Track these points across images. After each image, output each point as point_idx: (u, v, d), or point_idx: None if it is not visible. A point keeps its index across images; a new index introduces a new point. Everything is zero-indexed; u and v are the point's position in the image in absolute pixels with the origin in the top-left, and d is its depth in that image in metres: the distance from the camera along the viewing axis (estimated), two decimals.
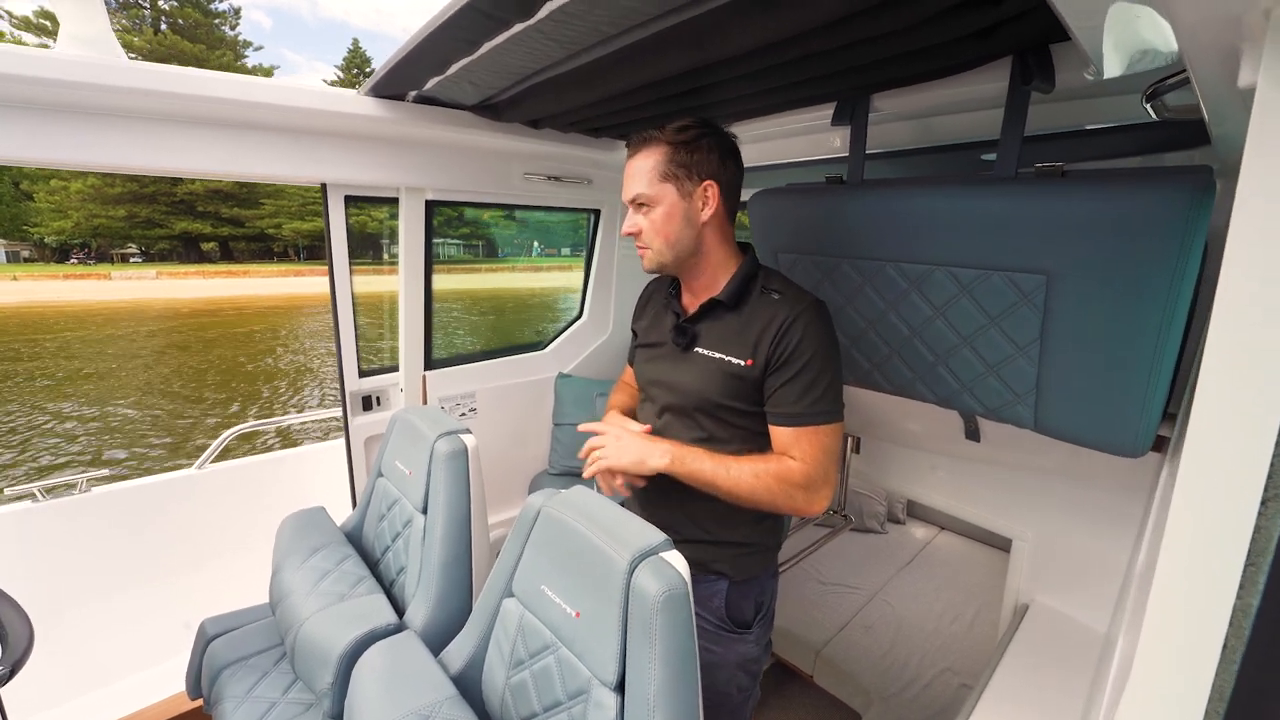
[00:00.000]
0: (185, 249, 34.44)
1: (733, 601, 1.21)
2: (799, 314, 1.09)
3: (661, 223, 1.14)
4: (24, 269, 30.79)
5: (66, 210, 28.57)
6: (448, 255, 30.29)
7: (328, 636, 1.19)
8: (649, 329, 1.33)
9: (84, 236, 31.67)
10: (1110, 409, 1.17)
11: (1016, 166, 1.15)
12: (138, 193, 29.07)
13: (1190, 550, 0.47)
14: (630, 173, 1.15)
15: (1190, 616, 0.47)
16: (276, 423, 2.61)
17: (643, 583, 0.84)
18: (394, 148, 1.79)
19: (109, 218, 29.33)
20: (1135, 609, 0.90)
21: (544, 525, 1.06)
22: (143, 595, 2.04)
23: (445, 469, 1.35)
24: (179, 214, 31.00)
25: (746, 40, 1.05)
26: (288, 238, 34.08)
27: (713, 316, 1.19)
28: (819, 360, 1.08)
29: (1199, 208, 0.92)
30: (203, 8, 31.88)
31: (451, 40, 1.19)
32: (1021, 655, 1.58)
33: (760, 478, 1.06)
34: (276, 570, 1.45)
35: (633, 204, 1.16)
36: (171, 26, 30.95)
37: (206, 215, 31.69)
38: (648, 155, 1.13)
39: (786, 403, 1.09)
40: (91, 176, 27.34)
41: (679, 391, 1.19)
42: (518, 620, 1.05)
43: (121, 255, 34.73)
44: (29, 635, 1.12)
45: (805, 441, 1.08)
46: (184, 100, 1.34)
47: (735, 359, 1.13)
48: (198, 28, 31.43)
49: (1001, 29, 1.02)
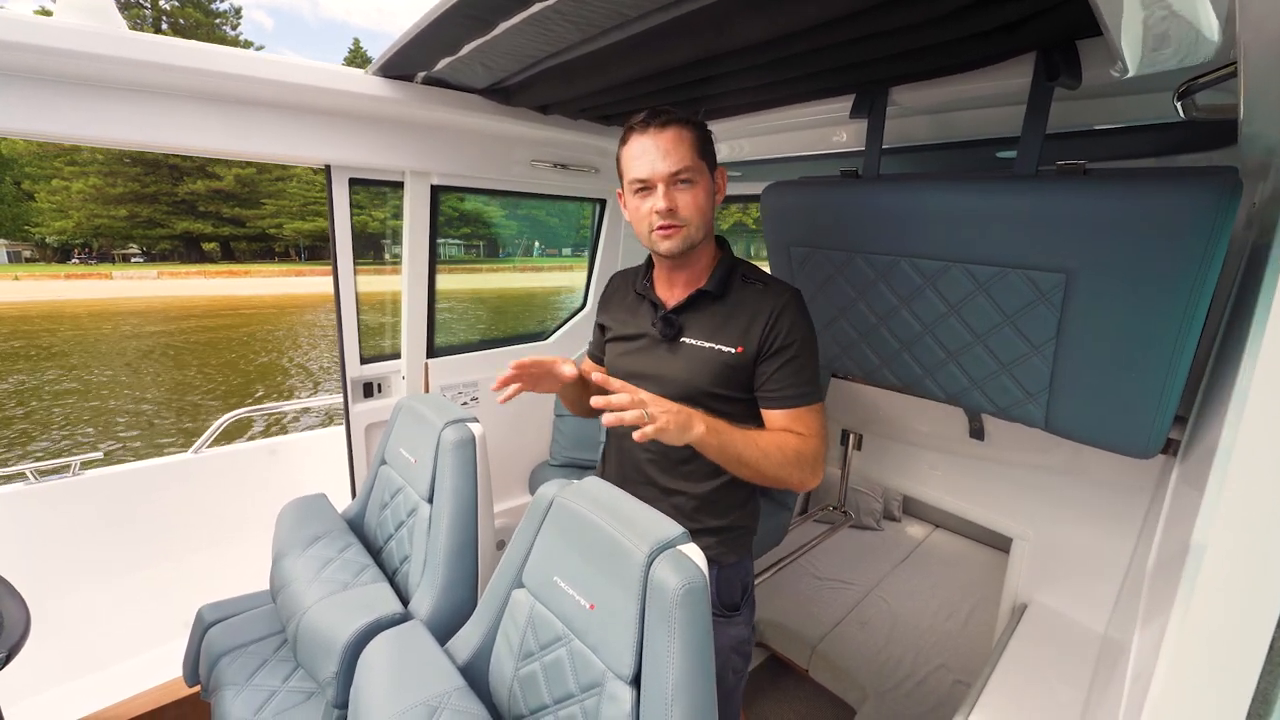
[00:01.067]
0: (187, 249, 34.39)
1: (722, 586, 1.22)
2: (786, 303, 1.14)
3: (703, 201, 1.13)
4: (25, 269, 30.80)
5: (68, 210, 28.49)
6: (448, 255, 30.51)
7: (331, 625, 1.17)
8: (622, 322, 1.30)
9: (85, 237, 31.57)
10: (1124, 410, 1.17)
11: (1038, 164, 1.14)
12: (139, 193, 29.05)
13: (1233, 554, 0.46)
14: (663, 147, 1.09)
15: (1233, 619, 0.46)
16: (275, 409, 2.56)
17: (662, 575, 0.83)
18: (400, 130, 1.76)
19: (110, 218, 29.27)
20: (1150, 610, 0.89)
21: (557, 515, 1.04)
22: (137, 580, 2.02)
23: (452, 457, 1.33)
24: (180, 214, 30.95)
25: (769, 28, 1.03)
26: (289, 237, 34.02)
27: (698, 307, 1.19)
28: (807, 345, 1.14)
29: (1226, 209, 0.91)
30: (204, 8, 32.15)
31: (466, 19, 1.16)
32: (1021, 654, 1.59)
33: (783, 451, 1.08)
34: (277, 558, 1.43)
35: (671, 179, 1.10)
36: (173, 26, 31.10)
37: (208, 215, 31.63)
38: (680, 133, 1.10)
39: (781, 386, 1.13)
40: (93, 176, 27.43)
41: (667, 382, 1.18)
42: (528, 611, 1.04)
43: (123, 255, 34.69)
44: (25, 621, 1.10)
45: (805, 420, 1.13)
46: (185, 74, 1.31)
47: (726, 347, 1.14)
48: (199, 28, 31.54)
49: (1029, 23, 1.01)
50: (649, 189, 1.12)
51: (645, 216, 1.13)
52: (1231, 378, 1.07)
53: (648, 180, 1.11)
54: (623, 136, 1.16)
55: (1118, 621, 1.44)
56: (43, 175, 28.06)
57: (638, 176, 1.11)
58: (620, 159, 1.17)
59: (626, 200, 1.19)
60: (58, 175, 27.66)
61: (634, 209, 1.16)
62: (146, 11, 30.54)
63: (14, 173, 28.96)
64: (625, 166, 1.15)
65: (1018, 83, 1.16)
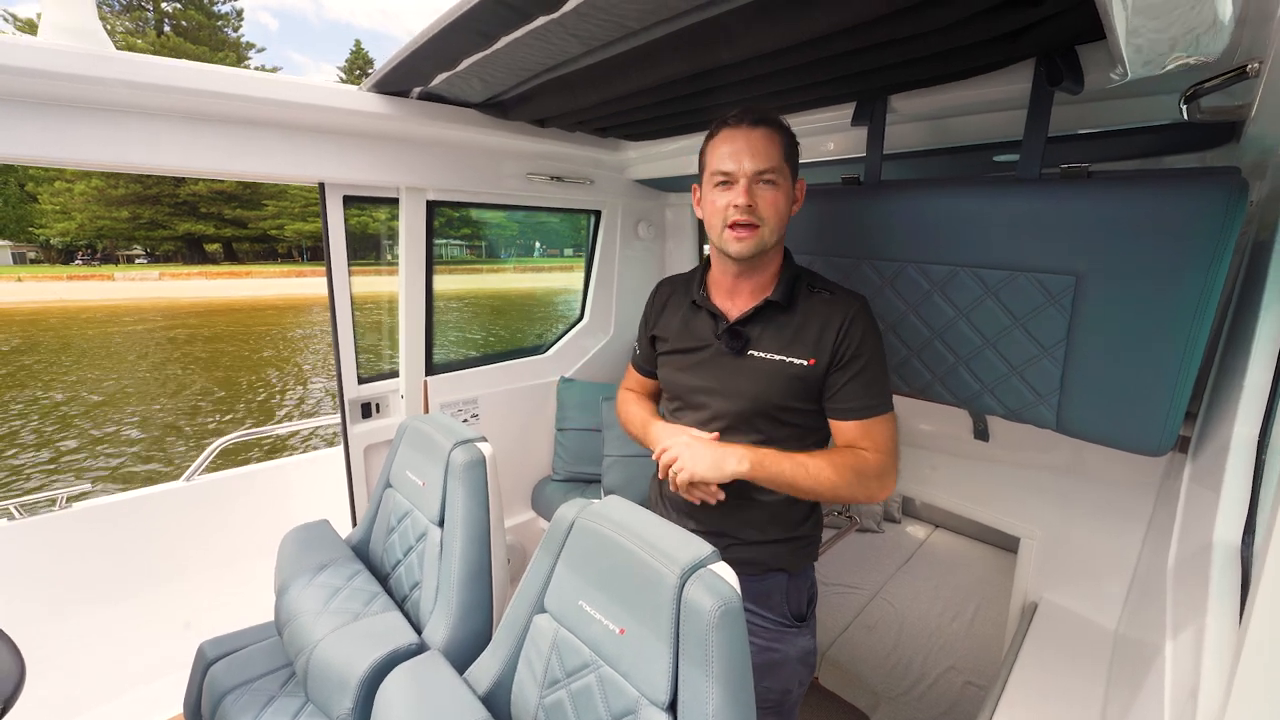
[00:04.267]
0: (189, 250, 34.49)
1: (791, 595, 1.23)
2: (857, 312, 1.13)
3: (783, 205, 1.11)
4: (29, 270, 30.97)
5: (70, 212, 28.65)
6: (450, 256, 31.27)
7: (346, 659, 1.13)
8: (679, 334, 1.27)
9: (89, 238, 31.89)
10: (1136, 409, 1.18)
11: (1041, 168, 1.15)
12: (141, 194, 29.18)
13: None
14: (755, 145, 1.07)
15: None
16: (267, 432, 2.50)
17: (696, 598, 0.81)
18: (395, 146, 1.73)
19: (113, 219, 29.44)
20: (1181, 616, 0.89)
21: (579, 538, 1.02)
22: (133, 616, 1.94)
23: (463, 479, 1.30)
24: (182, 215, 31.20)
25: (770, 40, 1.03)
26: (290, 238, 34.24)
27: (764, 318, 1.17)
28: (878, 355, 1.13)
29: (1235, 209, 0.92)
30: (206, 10, 32.57)
31: (467, 34, 1.14)
32: (1036, 654, 1.59)
33: (841, 472, 1.07)
34: (282, 589, 1.38)
35: (755, 176, 1.07)
36: (175, 29, 31.47)
37: (210, 217, 31.82)
38: (771, 134, 1.09)
39: (853, 398, 1.11)
40: (95, 178, 27.41)
41: (735, 396, 1.16)
42: (552, 637, 1.01)
43: (127, 256, 34.98)
44: (20, 672, 1.05)
45: (875, 432, 1.11)
46: (174, 94, 1.27)
47: (797, 359, 1.12)
48: (201, 30, 31.90)
49: (1031, 31, 1.02)
50: (730, 184, 1.09)
51: (721, 211, 1.10)
52: (1239, 372, 1.09)
53: (731, 174, 1.08)
54: (711, 131, 1.14)
55: (1132, 620, 1.44)
56: (45, 177, 28.21)
57: (722, 169, 1.09)
58: (705, 153, 1.15)
59: (704, 194, 1.16)
60: (60, 177, 27.80)
61: (710, 203, 1.13)
62: (149, 14, 30.85)
63: (18, 175, 29.07)
64: (710, 159, 1.13)
65: (1018, 88, 1.17)
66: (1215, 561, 0.86)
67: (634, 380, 1.44)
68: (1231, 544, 0.88)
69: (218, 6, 32.84)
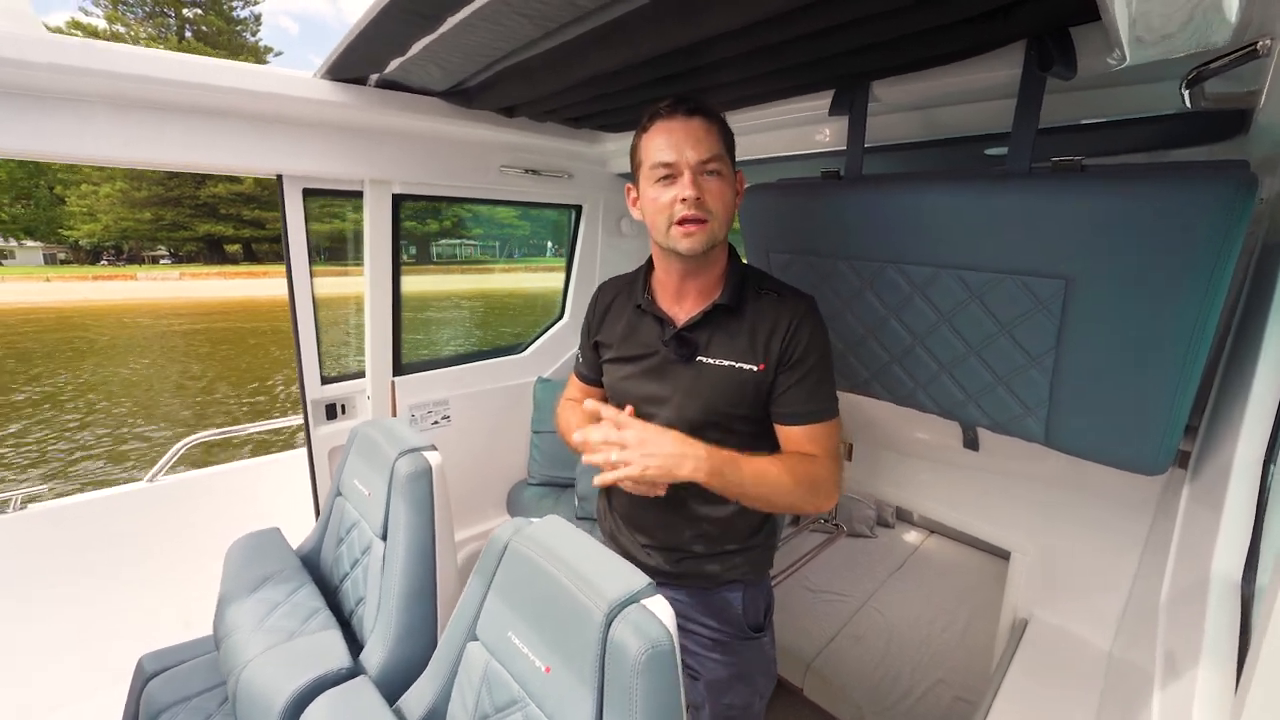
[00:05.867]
0: (210, 251, 35.30)
1: (748, 607, 1.18)
2: (804, 314, 1.07)
3: (729, 195, 1.04)
4: (56, 270, 32.16)
5: (96, 214, 29.47)
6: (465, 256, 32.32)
7: (272, 682, 1.06)
8: (623, 340, 1.18)
9: (114, 239, 32.88)
10: (1130, 425, 1.08)
11: (1031, 161, 1.06)
12: (163, 196, 30.15)
13: None
14: (695, 133, 1.00)
15: None
16: (236, 432, 2.43)
17: (622, 638, 0.73)
18: (357, 136, 1.65)
19: (136, 220, 30.25)
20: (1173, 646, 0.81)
21: (511, 563, 0.94)
22: (78, 626, 1.87)
23: (406, 492, 1.22)
24: (203, 217, 31.94)
25: (737, 15, 0.94)
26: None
27: (712, 322, 1.09)
28: (825, 358, 1.08)
29: (1241, 207, 0.82)
30: (225, 15, 33.42)
31: (407, 14, 1.07)
32: (1025, 674, 1.51)
33: (798, 480, 1.00)
34: (222, 601, 1.32)
35: (699, 166, 1.00)
36: (195, 34, 32.34)
37: (229, 218, 32.47)
38: (707, 123, 1.01)
39: (799, 402, 1.06)
40: (120, 180, 28.38)
41: (685, 405, 1.09)
42: (483, 669, 0.94)
43: (152, 257, 36.27)
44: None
45: (821, 438, 1.06)
46: (114, 79, 1.19)
47: (747, 365, 1.06)
48: (220, 34, 32.87)
49: (1018, 9, 0.93)
50: (673, 177, 1.00)
51: (666, 207, 1.00)
52: (1244, 386, 0.99)
53: (674, 165, 0.99)
54: (643, 124, 1.05)
55: (1127, 642, 1.36)
56: (73, 180, 29.05)
57: (662, 160, 1.00)
58: (639, 147, 1.05)
59: (642, 192, 1.06)
60: (86, 180, 28.62)
61: (651, 200, 1.03)
62: (170, 20, 31.83)
63: (48, 177, 29.82)
64: (646, 153, 1.03)
65: (1007, 74, 1.07)
66: (1212, 600, 0.78)
67: (576, 389, 1.35)
68: (1230, 578, 0.80)
69: (237, 12, 33.62)
